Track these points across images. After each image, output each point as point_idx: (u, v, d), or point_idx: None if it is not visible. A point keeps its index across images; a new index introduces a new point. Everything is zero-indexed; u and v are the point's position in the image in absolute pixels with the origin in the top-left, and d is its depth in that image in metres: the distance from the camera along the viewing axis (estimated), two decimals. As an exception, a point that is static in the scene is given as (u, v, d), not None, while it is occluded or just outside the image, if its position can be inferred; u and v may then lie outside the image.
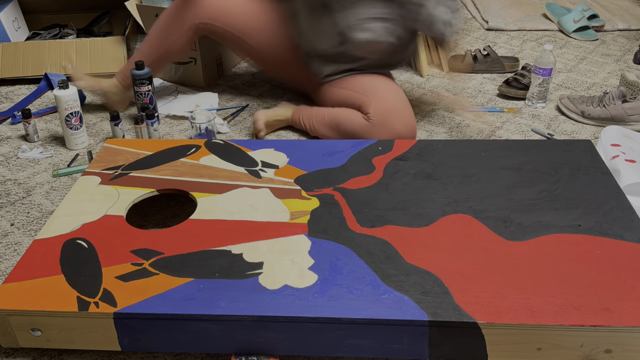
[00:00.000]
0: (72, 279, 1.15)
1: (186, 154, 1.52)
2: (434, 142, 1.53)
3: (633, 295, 1.06)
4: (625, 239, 1.19)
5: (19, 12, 2.50)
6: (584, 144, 1.50)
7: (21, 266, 1.19)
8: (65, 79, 1.80)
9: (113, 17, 2.68)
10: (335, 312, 1.06)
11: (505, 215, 1.27)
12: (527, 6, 3.03)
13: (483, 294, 1.08)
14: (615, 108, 1.92)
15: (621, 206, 1.28)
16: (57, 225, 1.29)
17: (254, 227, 1.26)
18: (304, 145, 1.54)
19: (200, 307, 1.08)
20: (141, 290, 1.12)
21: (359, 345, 1.07)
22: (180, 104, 2.10)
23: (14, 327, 1.12)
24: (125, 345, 1.12)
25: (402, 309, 1.06)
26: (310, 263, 1.16)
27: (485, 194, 1.34)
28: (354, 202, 1.33)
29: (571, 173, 1.39)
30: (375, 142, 1.54)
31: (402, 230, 1.24)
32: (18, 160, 1.82)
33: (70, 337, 1.12)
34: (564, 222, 1.24)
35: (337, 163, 1.46)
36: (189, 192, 1.38)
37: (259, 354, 1.11)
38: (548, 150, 1.48)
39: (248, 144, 1.56)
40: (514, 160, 1.45)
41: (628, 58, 2.50)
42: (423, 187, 1.37)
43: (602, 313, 1.03)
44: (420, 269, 1.14)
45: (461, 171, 1.41)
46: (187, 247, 1.22)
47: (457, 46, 1.81)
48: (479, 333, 1.04)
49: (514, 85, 2.14)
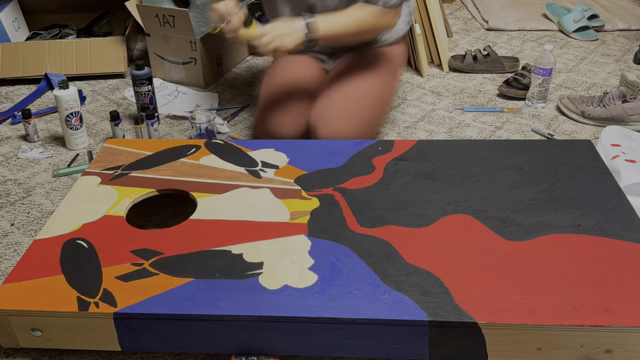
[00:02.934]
0: (72, 279, 1.15)
1: (186, 154, 1.52)
2: (434, 142, 1.53)
3: (633, 295, 1.06)
4: (625, 239, 1.19)
5: (19, 12, 2.50)
6: (584, 144, 1.50)
7: (21, 266, 1.19)
8: (65, 79, 1.80)
9: (113, 17, 2.68)
10: (335, 312, 1.06)
11: (505, 215, 1.27)
12: (527, 6, 3.03)
13: (483, 294, 1.08)
14: (615, 108, 1.92)
15: (621, 206, 1.28)
16: (57, 225, 1.29)
17: (254, 227, 1.26)
18: (304, 145, 1.54)
19: (201, 307, 1.08)
20: (141, 291, 1.12)
21: (359, 346, 1.07)
22: (180, 104, 2.10)
23: (14, 327, 1.12)
24: (125, 345, 1.12)
25: (402, 309, 1.06)
26: (310, 263, 1.16)
27: (485, 194, 1.34)
28: (354, 202, 1.33)
29: (571, 173, 1.39)
30: (375, 142, 1.54)
31: (402, 230, 1.24)
32: (18, 160, 1.82)
33: (70, 337, 1.12)
34: (564, 222, 1.24)
35: (337, 163, 1.46)
36: (189, 192, 1.38)
37: (259, 354, 1.11)
38: (548, 150, 1.48)
39: (248, 144, 1.56)
40: (514, 160, 1.45)
41: (628, 58, 2.50)
42: (423, 187, 1.37)
43: (602, 313, 1.03)
44: (420, 269, 1.14)
45: (461, 171, 1.41)
46: (187, 247, 1.22)
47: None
48: (479, 333, 1.04)
49: (514, 85, 2.14)
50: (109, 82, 2.30)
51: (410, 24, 1.95)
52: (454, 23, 2.89)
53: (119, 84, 2.29)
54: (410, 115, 2.05)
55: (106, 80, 2.32)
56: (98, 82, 2.30)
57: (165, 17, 2.15)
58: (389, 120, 2.01)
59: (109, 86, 2.27)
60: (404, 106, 2.11)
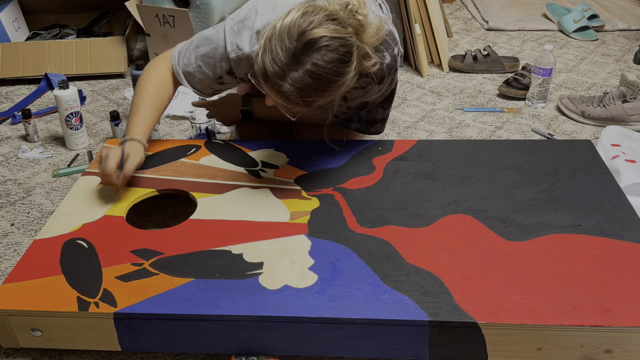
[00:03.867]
0: (72, 279, 1.15)
1: (186, 154, 1.52)
2: (434, 142, 1.53)
3: (633, 296, 1.06)
4: (625, 239, 1.19)
5: (19, 12, 2.50)
6: (584, 144, 1.50)
7: (21, 266, 1.19)
8: (65, 79, 1.80)
9: (113, 17, 2.68)
10: (335, 312, 1.06)
11: (505, 215, 1.27)
12: (527, 6, 3.04)
13: (483, 294, 1.08)
14: (615, 108, 1.92)
15: (621, 206, 1.28)
16: (57, 226, 1.29)
17: (254, 227, 1.26)
18: (304, 145, 1.54)
19: (201, 307, 1.08)
20: (141, 291, 1.12)
21: (359, 346, 1.07)
22: (180, 104, 2.10)
23: (14, 327, 1.12)
24: (125, 345, 1.12)
25: (402, 309, 1.06)
26: (311, 263, 1.16)
27: (486, 194, 1.34)
28: (354, 202, 1.33)
29: (571, 173, 1.39)
30: (375, 143, 1.54)
31: (402, 230, 1.24)
32: (18, 160, 1.82)
33: (70, 337, 1.12)
34: (564, 222, 1.24)
35: (337, 163, 1.46)
36: (189, 192, 1.38)
37: (259, 354, 1.11)
38: (548, 151, 1.48)
39: (248, 144, 1.56)
40: (514, 160, 1.45)
41: (628, 58, 2.51)
42: (423, 187, 1.37)
43: (602, 313, 1.03)
44: (420, 269, 1.14)
45: (461, 171, 1.41)
46: (187, 247, 1.22)
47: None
48: (479, 333, 1.04)
49: (514, 86, 2.14)
50: (109, 82, 2.30)
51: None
52: (454, 23, 2.89)
53: (119, 84, 2.29)
54: (410, 115, 2.05)
55: (106, 80, 2.32)
56: (98, 82, 2.30)
57: (165, 17, 2.15)
58: (389, 120, 2.01)
59: (109, 86, 2.27)
60: (404, 106, 2.11)
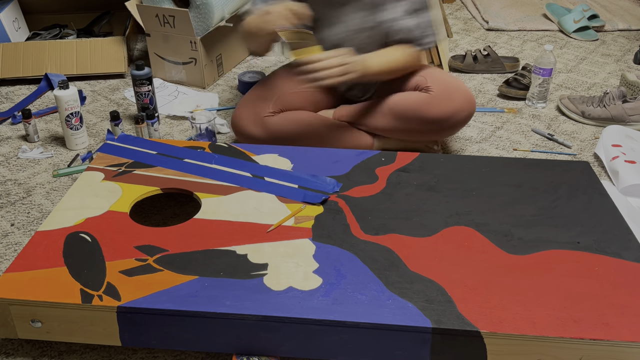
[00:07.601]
0: (76, 272, 1.14)
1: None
2: (436, 156, 1.55)
3: (631, 312, 1.08)
4: (623, 257, 1.22)
5: (19, 12, 2.49)
6: (582, 165, 1.53)
7: (23, 257, 1.18)
8: (65, 79, 1.79)
9: (113, 17, 2.68)
10: (339, 315, 1.06)
11: (506, 230, 1.29)
12: (527, 6, 3.06)
13: (486, 304, 1.09)
14: (615, 108, 1.93)
15: (619, 226, 1.31)
16: (60, 218, 1.29)
17: (258, 229, 1.27)
18: (307, 152, 1.55)
19: (205, 304, 1.08)
20: (145, 286, 1.11)
21: (361, 350, 1.08)
22: (180, 104, 2.10)
23: (14, 317, 1.10)
24: (125, 340, 1.11)
25: (406, 315, 1.07)
26: (315, 267, 1.17)
27: (487, 208, 1.36)
28: (357, 209, 1.34)
29: (570, 192, 1.42)
30: (378, 153, 1.55)
31: (406, 239, 1.25)
32: (18, 160, 1.81)
33: (71, 330, 1.11)
34: (564, 239, 1.27)
35: (341, 171, 1.47)
36: (193, 192, 1.39)
37: (261, 354, 1.11)
38: (547, 170, 1.50)
39: (252, 148, 1.57)
40: (514, 177, 1.47)
41: (628, 58, 2.53)
42: (425, 199, 1.38)
43: (601, 327, 1.05)
44: (424, 277, 1.15)
45: (462, 185, 1.43)
46: (191, 246, 1.22)
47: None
48: (481, 342, 1.05)
49: (514, 86, 2.16)
50: (109, 82, 2.30)
51: None
52: (454, 23, 2.91)
53: (119, 84, 2.28)
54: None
55: (106, 80, 2.32)
56: (98, 82, 2.30)
57: (165, 17, 2.16)
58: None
59: (109, 86, 2.27)
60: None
